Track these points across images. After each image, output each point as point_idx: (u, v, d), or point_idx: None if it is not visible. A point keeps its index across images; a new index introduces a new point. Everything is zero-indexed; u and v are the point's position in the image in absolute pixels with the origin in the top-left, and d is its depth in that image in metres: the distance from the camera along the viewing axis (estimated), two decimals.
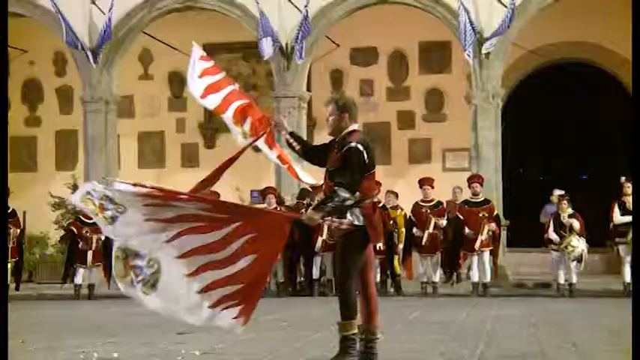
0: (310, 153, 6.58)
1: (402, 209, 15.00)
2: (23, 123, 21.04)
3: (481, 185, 14.62)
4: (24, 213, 18.55)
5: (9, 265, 14.89)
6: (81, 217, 15.52)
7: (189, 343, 7.69)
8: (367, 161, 6.08)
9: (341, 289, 6.09)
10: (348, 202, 5.94)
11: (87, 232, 15.01)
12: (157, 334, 8.59)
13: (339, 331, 6.08)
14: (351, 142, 6.08)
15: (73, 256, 15.19)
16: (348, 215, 6.01)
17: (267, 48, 16.40)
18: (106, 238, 15.39)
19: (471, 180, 14.71)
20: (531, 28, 16.78)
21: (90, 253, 14.99)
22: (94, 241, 15.03)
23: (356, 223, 6.01)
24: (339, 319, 6.08)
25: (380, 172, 20.70)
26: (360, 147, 6.06)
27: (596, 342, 7.64)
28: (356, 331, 6.08)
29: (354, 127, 6.25)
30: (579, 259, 13.82)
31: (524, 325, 9.17)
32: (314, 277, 14.69)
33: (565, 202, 14.16)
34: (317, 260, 14.58)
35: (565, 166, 20.36)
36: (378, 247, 14.04)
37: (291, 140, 6.54)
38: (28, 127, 21.03)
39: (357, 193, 6.02)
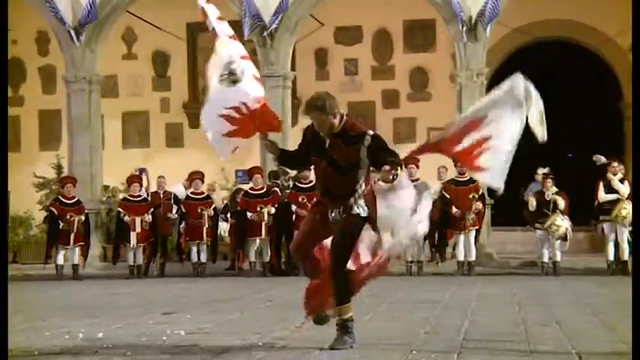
0: (287, 158, 6.60)
1: None
2: None
3: None
4: (8, 193, 18.48)
5: None
6: (61, 197, 15.50)
7: (174, 323, 7.70)
8: None
9: (336, 275, 6.08)
10: (394, 162, 5.86)
11: (69, 215, 14.99)
12: (142, 314, 8.59)
13: (338, 314, 6.12)
14: (366, 131, 6.03)
15: (54, 237, 15.18)
16: (355, 208, 6.01)
17: (246, 28, 16.33)
18: (86, 218, 15.44)
19: None
20: (515, 7, 16.77)
21: (72, 234, 14.99)
22: (75, 222, 15.03)
23: (362, 214, 6.02)
24: (336, 304, 6.11)
25: None
26: (370, 131, 6.05)
27: (580, 320, 7.69)
28: (352, 313, 6.15)
29: (343, 113, 6.15)
30: (564, 238, 13.90)
31: (509, 304, 9.22)
32: None
33: (549, 180, 14.21)
34: None
35: (549, 144, 20.39)
36: None
37: (270, 144, 6.44)
38: (11, 106, 20.82)
39: (363, 186, 6.03)
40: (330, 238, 6.15)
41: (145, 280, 14.50)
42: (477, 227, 14.42)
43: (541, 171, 15.17)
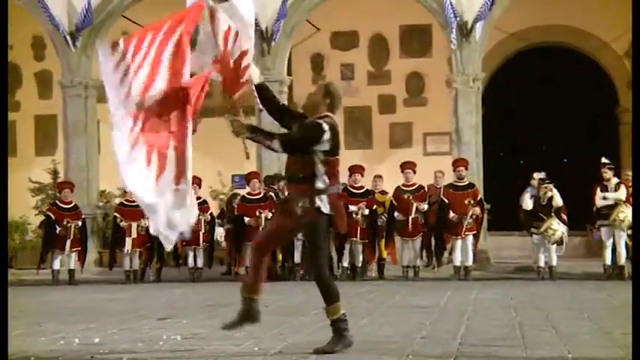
0: (274, 105, 6.41)
1: (387, 193, 15.11)
2: None
3: (466, 169, 14.70)
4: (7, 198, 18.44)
5: None
6: (58, 202, 15.49)
7: (170, 328, 7.69)
8: (330, 142, 6.08)
9: (318, 277, 6.16)
10: (270, 147, 6.06)
11: (67, 221, 14.98)
12: (138, 319, 8.58)
13: (327, 316, 6.14)
14: (317, 120, 6.15)
15: (50, 241, 15.16)
16: (317, 202, 6.04)
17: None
18: (83, 223, 15.42)
19: (456, 164, 14.77)
20: (512, 12, 16.80)
21: (68, 239, 14.97)
22: (72, 227, 15.02)
23: (324, 211, 6.06)
24: (325, 305, 6.13)
25: (361, 156, 20.85)
26: (325, 126, 6.10)
27: (576, 325, 7.69)
28: (343, 311, 6.15)
29: (326, 113, 6.25)
30: (560, 242, 13.91)
31: (505, 308, 9.22)
32: (296, 261, 14.71)
33: (545, 186, 14.22)
34: (298, 245, 14.60)
35: (545, 149, 20.43)
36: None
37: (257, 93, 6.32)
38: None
39: (326, 179, 6.08)
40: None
41: (142, 286, 14.48)
42: (474, 232, 14.42)
43: (537, 175, 15.16)
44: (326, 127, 6.09)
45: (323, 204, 6.06)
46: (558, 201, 13.98)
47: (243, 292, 6.30)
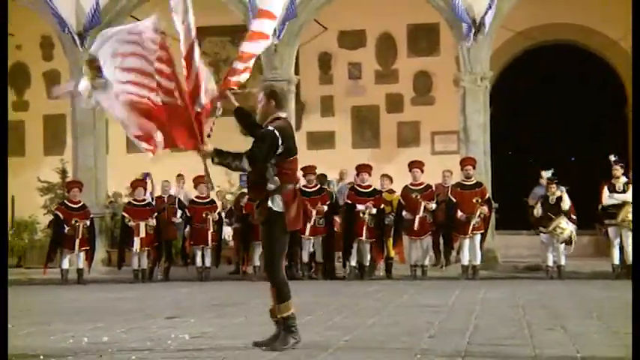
0: (255, 128, 6.57)
1: (395, 192, 15.11)
2: (11, 107, 20.91)
3: (474, 168, 14.68)
4: (12, 198, 18.50)
5: None
6: (66, 202, 15.52)
7: (178, 327, 7.70)
8: (282, 146, 6.24)
9: (271, 274, 6.34)
10: (240, 167, 6.26)
11: (75, 220, 15.01)
12: (147, 318, 8.60)
13: (277, 313, 6.29)
14: (268, 126, 6.31)
15: (58, 241, 15.19)
16: (269, 202, 6.23)
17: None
18: (91, 223, 15.46)
19: (463, 163, 14.75)
20: (519, 10, 16.76)
21: (76, 239, 14.99)
22: (80, 227, 15.04)
23: (276, 209, 6.24)
24: (274, 303, 6.31)
25: (369, 155, 20.80)
26: (276, 132, 6.26)
27: (585, 324, 7.68)
28: (293, 310, 6.33)
29: (280, 114, 6.43)
30: (568, 242, 13.88)
31: (513, 308, 9.20)
32: (304, 260, 14.71)
33: (553, 185, 14.20)
34: (306, 244, 14.61)
35: (553, 148, 20.39)
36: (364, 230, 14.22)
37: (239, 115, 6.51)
38: (15, 111, 20.90)
39: (277, 180, 6.26)
40: None
41: (150, 285, 14.51)
42: (481, 231, 14.40)
43: (545, 174, 15.16)
44: (276, 132, 6.25)
45: (275, 203, 6.25)
46: (567, 203, 13.94)
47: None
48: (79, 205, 15.39)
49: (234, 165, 6.25)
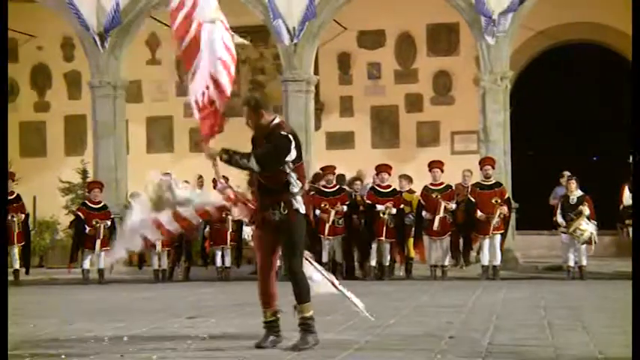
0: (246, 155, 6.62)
1: (415, 192, 15.09)
2: (32, 108, 21.07)
3: (493, 168, 14.63)
4: (34, 198, 18.62)
5: (16, 250, 14.99)
6: (87, 202, 15.59)
7: (198, 327, 7.73)
8: (295, 150, 6.35)
9: (295, 275, 6.43)
10: (248, 166, 6.31)
11: (96, 221, 15.07)
12: (167, 318, 8.63)
13: (298, 313, 6.39)
14: (281, 132, 6.36)
15: (79, 241, 15.27)
16: (294, 204, 6.33)
17: (285, 33, 16.39)
18: (112, 223, 15.52)
19: (483, 163, 14.71)
20: (540, 9, 16.69)
21: (97, 239, 15.06)
22: (102, 227, 15.11)
23: (301, 211, 6.38)
24: (297, 303, 6.41)
25: (388, 155, 20.78)
26: (290, 137, 6.37)
27: (606, 325, 7.64)
28: (312, 311, 6.41)
29: (276, 118, 6.49)
30: (589, 242, 13.81)
31: (534, 308, 9.17)
32: (323, 260, 14.71)
33: (573, 181, 14.14)
34: (325, 244, 14.61)
35: (575, 147, 20.30)
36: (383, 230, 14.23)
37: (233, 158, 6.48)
38: (37, 112, 21.06)
39: (299, 183, 6.36)
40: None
41: (170, 285, 14.55)
42: (501, 231, 14.35)
43: (567, 174, 15.12)
44: (290, 137, 6.34)
45: (300, 205, 6.36)
46: (587, 210, 13.83)
47: (268, 316, 6.56)
48: (100, 205, 15.46)
49: (242, 163, 6.31)
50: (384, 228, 14.33)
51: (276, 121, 6.45)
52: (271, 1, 16.30)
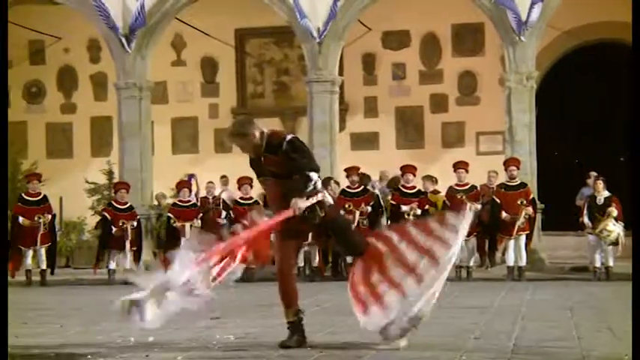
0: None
1: (439, 192, 15.06)
2: (59, 110, 21.24)
3: (518, 169, 14.56)
4: (60, 199, 18.77)
5: (43, 251, 15.10)
6: (113, 203, 15.68)
7: (223, 328, 7.74)
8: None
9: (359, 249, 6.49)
10: (319, 184, 6.27)
11: (122, 222, 15.13)
12: (191, 319, 8.64)
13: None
14: (284, 137, 6.32)
15: (106, 242, 15.35)
16: (326, 198, 6.35)
17: (314, 31, 16.45)
18: (138, 224, 15.59)
19: (507, 164, 14.64)
20: (565, 9, 16.59)
21: (124, 240, 15.13)
22: (128, 228, 15.18)
23: (331, 202, 6.46)
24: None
25: (413, 156, 20.72)
26: (295, 136, 6.43)
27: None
28: None
29: (263, 129, 6.42)
30: (616, 243, 13.71)
31: (560, 309, 9.11)
32: (347, 260, 14.70)
33: (600, 182, 14.04)
34: None
35: (601, 148, 20.16)
36: None
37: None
38: (63, 113, 21.23)
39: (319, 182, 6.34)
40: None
41: None
42: (527, 232, 14.28)
43: (593, 174, 15.02)
44: (288, 136, 6.35)
45: (327, 198, 6.39)
46: (615, 214, 13.73)
47: (290, 316, 6.54)
48: (127, 206, 15.54)
49: (310, 188, 6.22)
50: None
51: (266, 131, 6.42)
52: (297, 2, 16.33)
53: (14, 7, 18.41)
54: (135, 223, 15.41)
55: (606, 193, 13.99)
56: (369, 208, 14.62)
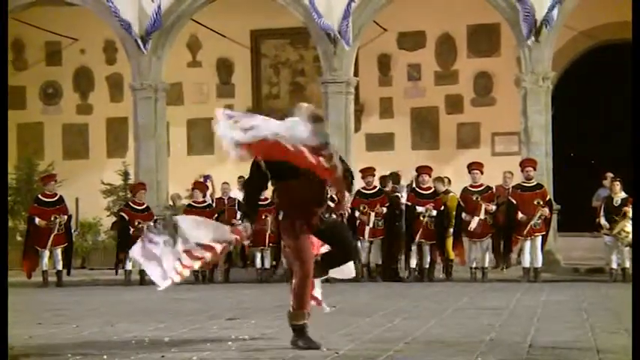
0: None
1: (450, 192, 15.04)
2: (75, 111, 21.33)
3: (535, 170, 14.51)
4: (76, 200, 18.83)
5: (59, 251, 15.15)
6: (131, 204, 15.72)
7: (238, 328, 7.76)
8: None
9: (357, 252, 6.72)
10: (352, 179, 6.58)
11: (138, 222, 15.16)
12: (207, 319, 8.67)
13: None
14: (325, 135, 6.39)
15: (124, 243, 15.38)
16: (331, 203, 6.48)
17: (332, 28, 16.44)
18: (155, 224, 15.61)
19: (524, 164, 14.59)
20: (582, 10, 16.53)
21: None
22: (145, 228, 15.20)
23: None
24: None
25: (428, 157, 20.72)
26: None
27: None
28: None
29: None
30: (632, 245, 13.63)
31: (576, 311, 9.07)
32: (363, 262, 14.70)
33: (618, 183, 13.97)
34: (365, 246, 14.58)
35: (617, 149, 20.06)
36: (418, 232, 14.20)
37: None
38: (79, 114, 21.31)
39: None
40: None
41: (210, 286, 14.62)
42: (542, 233, 14.23)
43: (610, 175, 14.94)
44: None
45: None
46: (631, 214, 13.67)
47: (305, 317, 6.51)
48: (143, 207, 15.58)
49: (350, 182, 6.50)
50: (425, 229, 14.29)
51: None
52: (312, 2, 16.34)
53: (30, 9, 18.51)
54: (152, 224, 15.43)
55: (623, 194, 13.92)
56: (385, 209, 14.61)
